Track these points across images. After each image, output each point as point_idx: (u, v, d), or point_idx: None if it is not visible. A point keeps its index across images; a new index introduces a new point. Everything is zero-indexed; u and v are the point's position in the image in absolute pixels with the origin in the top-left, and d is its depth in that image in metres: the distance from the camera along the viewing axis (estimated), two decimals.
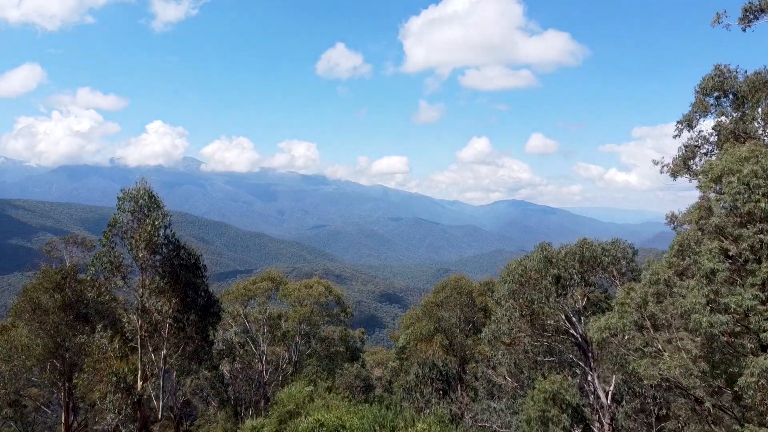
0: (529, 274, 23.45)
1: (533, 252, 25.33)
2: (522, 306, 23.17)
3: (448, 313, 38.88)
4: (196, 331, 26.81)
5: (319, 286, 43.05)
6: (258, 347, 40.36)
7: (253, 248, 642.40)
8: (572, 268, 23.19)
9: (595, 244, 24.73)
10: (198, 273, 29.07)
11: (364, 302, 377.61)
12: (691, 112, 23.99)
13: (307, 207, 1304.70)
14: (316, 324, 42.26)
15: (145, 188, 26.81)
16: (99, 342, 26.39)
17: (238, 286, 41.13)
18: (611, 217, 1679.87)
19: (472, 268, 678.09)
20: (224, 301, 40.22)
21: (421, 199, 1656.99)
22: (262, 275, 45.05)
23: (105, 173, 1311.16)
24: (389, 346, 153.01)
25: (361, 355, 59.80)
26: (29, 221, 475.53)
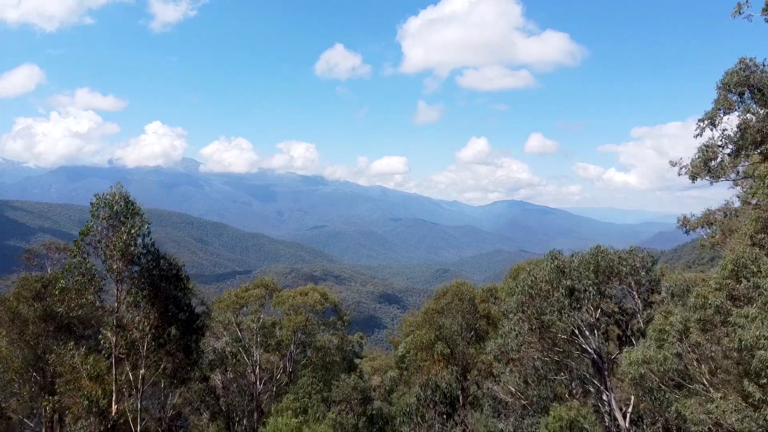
0: (540, 286, 21.48)
1: (543, 261, 23.34)
2: (531, 319, 21.24)
3: (450, 321, 36.87)
4: (177, 347, 24.35)
5: (314, 293, 41.01)
6: (251, 357, 38.37)
7: (251, 249, 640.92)
8: (587, 279, 21.17)
9: (611, 252, 22.63)
10: (180, 285, 26.38)
11: (363, 303, 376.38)
12: (714, 110, 22.18)
13: (305, 207, 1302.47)
14: (311, 333, 40.16)
15: (121, 193, 24.40)
16: (70, 361, 24.01)
17: (229, 293, 39.11)
18: (610, 218, 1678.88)
19: (471, 269, 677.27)
20: (215, 309, 38.28)
21: (420, 200, 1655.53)
22: (255, 282, 42.55)
23: (104, 174, 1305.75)
24: (388, 349, 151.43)
25: (359, 363, 58.07)
26: (27, 222, 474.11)
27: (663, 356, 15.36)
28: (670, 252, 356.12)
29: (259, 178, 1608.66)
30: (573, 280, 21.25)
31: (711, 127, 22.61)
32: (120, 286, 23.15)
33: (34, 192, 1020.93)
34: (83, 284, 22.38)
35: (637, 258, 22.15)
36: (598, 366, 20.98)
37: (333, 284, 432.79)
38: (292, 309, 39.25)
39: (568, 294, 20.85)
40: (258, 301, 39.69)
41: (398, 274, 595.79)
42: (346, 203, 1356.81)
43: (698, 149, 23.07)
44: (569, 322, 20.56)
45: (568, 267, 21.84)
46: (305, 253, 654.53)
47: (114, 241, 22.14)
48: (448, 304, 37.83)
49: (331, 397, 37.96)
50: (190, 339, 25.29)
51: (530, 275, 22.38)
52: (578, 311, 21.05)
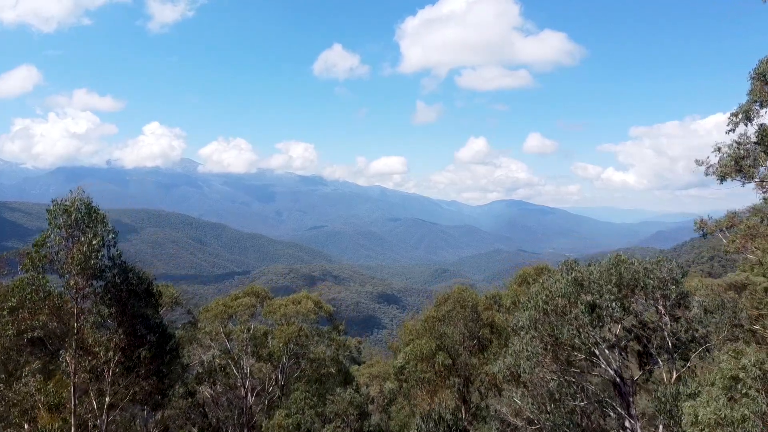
0: (556, 301, 19.03)
1: (558, 272, 20.87)
2: (545, 336, 18.88)
3: (451, 329, 34.64)
4: (148, 372, 21.85)
5: (307, 302, 38.43)
6: (241, 369, 36.09)
7: (250, 249, 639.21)
8: (609, 294, 18.55)
9: (635, 262, 19.97)
10: (150, 301, 23.54)
11: (363, 303, 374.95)
12: (749, 102, 19.95)
13: (304, 208, 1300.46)
14: (304, 344, 37.72)
15: (82, 199, 21.81)
16: (22, 390, 21.06)
17: (217, 302, 36.71)
18: (609, 217, 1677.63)
19: (470, 268, 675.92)
20: (203, 318, 36.03)
21: (419, 200, 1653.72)
22: (245, 289, 40.45)
23: (102, 175, 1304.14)
24: (388, 354, 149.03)
25: (357, 370, 55.65)
26: (26, 223, 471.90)
27: (741, 414, 11.44)
28: (669, 251, 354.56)
29: (257, 179, 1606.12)
30: (593, 294, 18.77)
31: (746, 121, 20.35)
32: (80, 304, 20.14)
33: (32, 193, 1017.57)
34: (37, 303, 19.76)
35: (665, 269, 19.39)
36: (619, 389, 18.60)
37: (332, 284, 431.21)
38: (283, 318, 36.82)
39: (588, 310, 18.38)
40: (248, 310, 37.09)
41: (397, 274, 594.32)
42: (345, 203, 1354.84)
43: (730, 146, 20.81)
44: (590, 342, 18.09)
45: (587, 279, 19.25)
46: (304, 254, 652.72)
47: (73, 253, 19.49)
48: (449, 311, 35.55)
49: (326, 413, 35.63)
50: (162, 362, 22.73)
51: (544, 289, 19.90)
52: (600, 329, 18.66)
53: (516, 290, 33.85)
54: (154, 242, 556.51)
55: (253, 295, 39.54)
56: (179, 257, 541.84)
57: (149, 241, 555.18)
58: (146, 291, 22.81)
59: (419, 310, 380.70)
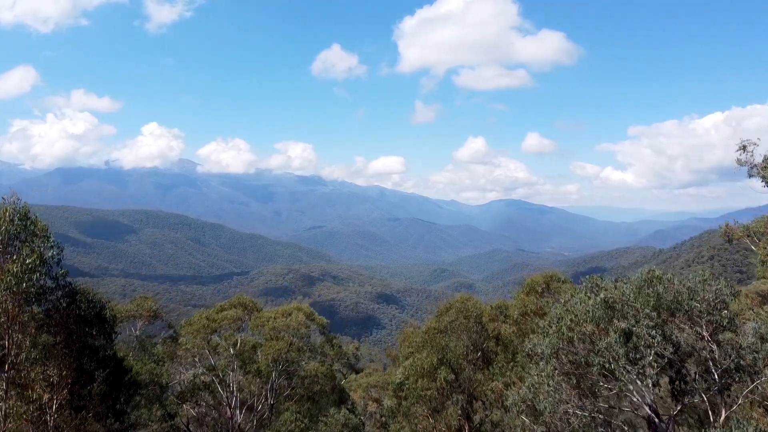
0: (583, 327, 16.08)
1: (582, 291, 17.72)
2: (568, 365, 15.93)
3: (454, 342, 32.27)
4: (100, 413, 18.48)
5: (298, 314, 35.98)
6: (226, 387, 33.16)
7: (249, 250, 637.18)
8: (647, 320, 15.38)
9: (674, 282, 16.77)
10: (103, 329, 19.56)
11: (362, 303, 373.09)
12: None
13: (303, 208, 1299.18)
14: (294, 361, 34.82)
15: (16, 207, 18.02)
16: None
17: (200, 316, 33.48)
18: (608, 216, 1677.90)
19: (469, 268, 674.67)
20: (184, 333, 33.35)
21: (418, 200, 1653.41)
22: (231, 300, 37.27)
23: (101, 175, 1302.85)
24: (386, 363, 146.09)
25: (355, 379, 53.07)
26: None
27: None
28: (669, 250, 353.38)
29: (256, 179, 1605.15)
30: (628, 320, 15.74)
31: None
32: (11, 334, 16.63)
33: (30, 194, 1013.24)
34: None
35: (712, 289, 15.65)
36: (654, 427, 15.72)
37: (331, 284, 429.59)
38: (272, 333, 33.91)
39: (623, 340, 15.30)
40: (234, 324, 34.19)
41: (396, 274, 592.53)
42: (343, 203, 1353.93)
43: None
44: (626, 378, 15.13)
45: (620, 301, 16.33)
46: (303, 254, 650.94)
47: (3, 273, 16.20)
48: (451, 322, 33.17)
49: None
50: (118, 399, 19.94)
51: (569, 312, 16.87)
52: (637, 364, 15.24)
53: (524, 300, 31.70)
54: (153, 243, 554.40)
55: (240, 306, 36.57)
56: (178, 258, 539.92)
57: (148, 242, 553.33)
58: (98, 317, 19.40)
59: (419, 309, 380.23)
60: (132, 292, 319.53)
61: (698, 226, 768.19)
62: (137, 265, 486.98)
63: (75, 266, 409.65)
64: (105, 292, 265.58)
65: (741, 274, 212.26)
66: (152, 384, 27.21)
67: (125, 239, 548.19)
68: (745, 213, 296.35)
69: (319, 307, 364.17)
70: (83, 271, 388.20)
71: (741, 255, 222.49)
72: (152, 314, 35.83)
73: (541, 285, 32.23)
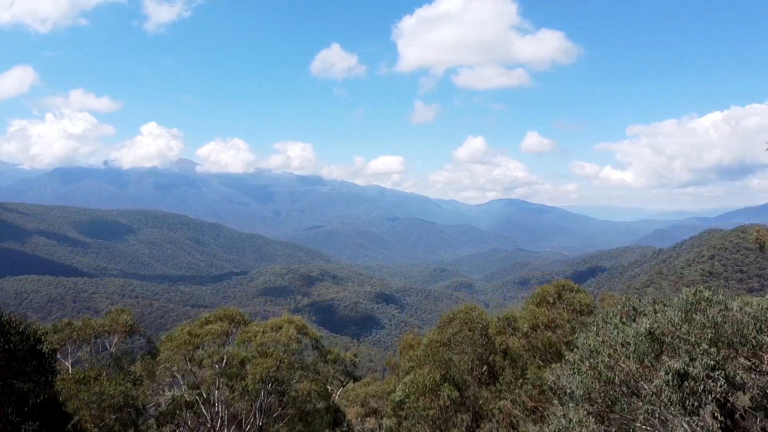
0: (625, 367, 12.66)
1: (616, 316, 14.25)
2: (604, 410, 12.93)
3: (458, 357, 30.26)
4: None
5: (289, 327, 33.22)
6: (211, 408, 30.68)
7: (248, 250, 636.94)
8: (706, 358, 11.80)
9: (733, 308, 12.65)
10: (42, 366, 15.44)
11: (361, 303, 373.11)
12: None
13: (303, 208, 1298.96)
14: (284, 380, 32.03)
15: None
16: None
17: (182, 330, 31.06)
18: (607, 216, 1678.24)
19: (468, 267, 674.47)
20: (164, 349, 30.34)
21: (418, 199, 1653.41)
22: (216, 313, 34.77)
23: (100, 175, 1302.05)
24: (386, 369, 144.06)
25: (353, 388, 52.10)
26: (23, 224, 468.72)
27: None
28: (668, 250, 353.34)
29: (256, 179, 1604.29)
30: (681, 356, 12.15)
31: None
32: None
33: (29, 194, 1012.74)
34: None
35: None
36: None
37: (330, 284, 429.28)
38: (261, 348, 31.30)
39: (676, 382, 11.65)
40: (218, 339, 31.61)
41: (396, 273, 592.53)
42: (343, 203, 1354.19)
43: None
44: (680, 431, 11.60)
45: (669, 333, 12.78)
46: (302, 254, 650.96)
47: None
48: (455, 334, 31.21)
49: None
50: None
51: (605, 344, 13.41)
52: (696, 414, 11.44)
53: (534, 311, 29.42)
54: (152, 243, 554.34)
55: (227, 319, 33.82)
56: (177, 258, 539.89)
57: (147, 242, 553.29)
58: (31, 351, 15.08)
59: (418, 309, 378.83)
60: (131, 292, 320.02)
61: (698, 225, 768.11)
62: (136, 265, 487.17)
63: (73, 266, 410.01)
64: (104, 292, 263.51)
65: (741, 273, 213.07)
66: (127, 407, 24.80)
67: (124, 239, 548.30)
68: (745, 212, 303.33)
69: (319, 307, 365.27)
70: (82, 272, 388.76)
71: (741, 255, 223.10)
72: (128, 329, 33.07)
73: (552, 295, 30.12)
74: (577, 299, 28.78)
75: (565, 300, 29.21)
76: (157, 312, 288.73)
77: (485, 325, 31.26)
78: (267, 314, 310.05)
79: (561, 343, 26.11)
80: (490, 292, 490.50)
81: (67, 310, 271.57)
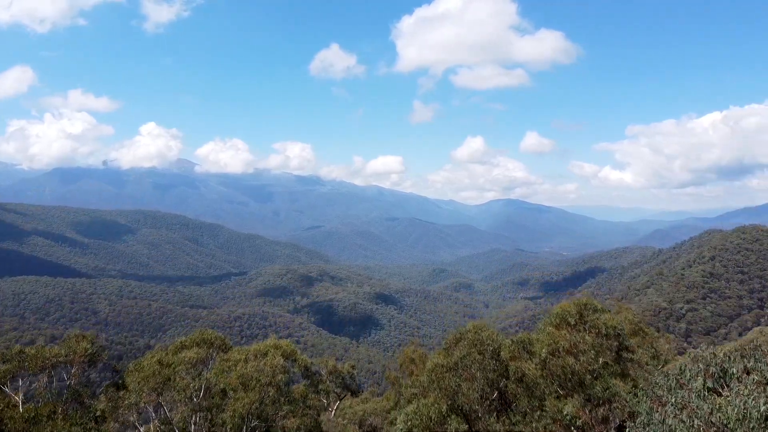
0: None
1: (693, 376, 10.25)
2: None
3: (467, 384, 26.50)
4: None
5: (275, 355, 29.43)
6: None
7: (247, 250, 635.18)
8: None
9: None
10: None
11: (360, 304, 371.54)
12: None
13: (302, 208, 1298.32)
14: (268, 417, 27.43)
15: None
16: None
17: (151, 359, 27.11)
18: (606, 216, 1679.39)
19: (468, 268, 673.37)
20: (131, 381, 26.62)
21: (417, 199, 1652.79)
22: (192, 336, 30.97)
23: (98, 176, 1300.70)
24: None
25: (350, 405, 49.91)
26: (21, 225, 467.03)
27: None
28: (668, 250, 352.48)
29: (255, 179, 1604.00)
30: None
31: None
32: None
33: (28, 194, 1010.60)
34: None
35: None
36: None
37: (329, 285, 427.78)
38: (242, 380, 27.20)
39: None
40: (191, 370, 27.49)
41: (395, 274, 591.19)
42: (342, 203, 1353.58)
43: None
44: None
45: None
46: (301, 254, 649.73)
47: None
48: (463, 358, 27.65)
49: None
50: None
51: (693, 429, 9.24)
52: None
53: (554, 335, 26.16)
54: (151, 243, 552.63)
55: (204, 344, 29.94)
56: (175, 258, 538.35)
57: (145, 242, 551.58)
58: None
59: (417, 310, 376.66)
60: (129, 293, 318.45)
61: (697, 225, 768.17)
62: (135, 266, 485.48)
63: (72, 267, 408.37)
64: (102, 293, 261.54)
65: (743, 274, 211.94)
66: None
67: (123, 239, 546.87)
68: (744, 212, 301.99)
69: (318, 307, 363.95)
70: (80, 272, 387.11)
71: (742, 255, 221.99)
72: (89, 357, 28.10)
73: (573, 315, 26.93)
74: (602, 321, 25.91)
75: (588, 321, 26.22)
76: (156, 313, 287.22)
77: (496, 347, 28.00)
78: (266, 315, 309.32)
79: (584, 371, 23.70)
80: (489, 293, 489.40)
81: (65, 311, 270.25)
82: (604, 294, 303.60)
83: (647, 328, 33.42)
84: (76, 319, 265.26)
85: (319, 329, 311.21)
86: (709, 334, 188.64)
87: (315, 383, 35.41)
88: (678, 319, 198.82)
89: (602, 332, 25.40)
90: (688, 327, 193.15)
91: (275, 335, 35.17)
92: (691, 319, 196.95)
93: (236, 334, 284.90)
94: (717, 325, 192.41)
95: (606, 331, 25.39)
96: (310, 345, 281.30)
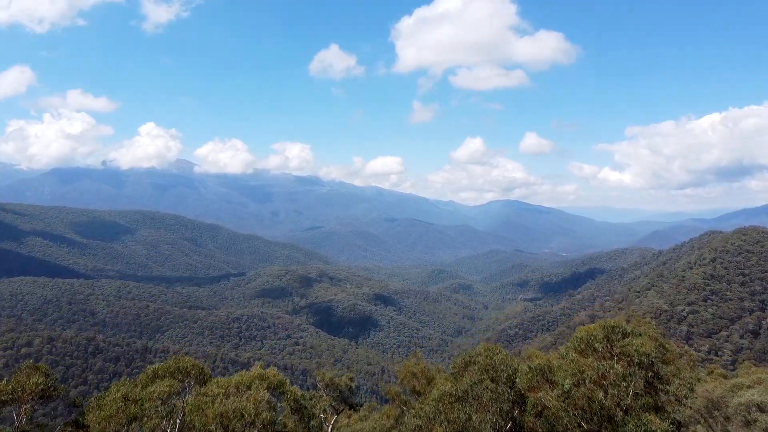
0: None
1: None
2: None
3: (479, 416, 23.26)
4: None
5: (260, 387, 26.27)
6: None
7: (246, 251, 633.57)
8: None
9: None
10: None
11: (359, 305, 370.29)
12: None
13: (301, 208, 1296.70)
14: None
15: None
16: None
17: (114, 395, 23.18)
18: (605, 216, 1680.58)
19: (467, 269, 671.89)
20: (92, 420, 22.78)
21: (416, 200, 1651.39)
22: (166, 365, 26.88)
23: (97, 176, 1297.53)
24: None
25: (348, 423, 47.86)
26: (20, 225, 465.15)
27: None
28: (668, 252, 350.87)
29: (254, 179, 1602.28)
30: None
31: None
32: None
33: (27, 194, 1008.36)
34: None
35: None
36: None
37: (328, 286, 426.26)
38: (220, 420, 23.72)
39: None
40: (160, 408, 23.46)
41: (394, 275, 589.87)
42: (341, 204, 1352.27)
43: None
44: None
45: None
46: (300, 255, 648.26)
47: None
48: (474, 385, 24.76)
49: None
50: None
51: None
52: None
53: (579, 363, 23.29)
54: (149, 244, 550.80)
55: (180, 373, 26.23)
56: (174, 259, 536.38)
57: (144, 243, 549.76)
58: None
59: (416, 311, 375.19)
60: (127, 294, 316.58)
61: (696, 226, 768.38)
62: (133, 267, 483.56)
63: (71, 267, 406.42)
64: (100, 294, 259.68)
65: (744, 276, 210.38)
66: None
67: (122, 240, 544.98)
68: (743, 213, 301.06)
69: (317, 308, 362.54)
70: (78, 273, 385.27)
71: (743, 257, 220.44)
72: (42, 393, 24.65)
73: (600, 340, 24.17)
74: (633, 346, 23.18)
75: (617, 347, 23.63)
76: (154, 314, 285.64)
77: (511, 374, 25.25)
78: (264, 316, 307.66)
79: (614, 406, 21.34)
80: (488, 294, 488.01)
81: (63, 312, 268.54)
82: (604, 296, 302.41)
83: (668, 344, 31.08)
84: (73, 320, 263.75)
85: (318, 330, 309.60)
86: (711, 336, 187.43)
87: (306, 419, 31.51)
88: (679, 321, 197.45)
89: (634, 361, 22.97)
90: (689, 329, 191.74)
91: (262, 364, 31.06)
92: (693, 322, 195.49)
93: (234, 335, 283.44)
94: (718, 328, 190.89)
95: (639, 359, 22.94)
96: (309, 346, 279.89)
